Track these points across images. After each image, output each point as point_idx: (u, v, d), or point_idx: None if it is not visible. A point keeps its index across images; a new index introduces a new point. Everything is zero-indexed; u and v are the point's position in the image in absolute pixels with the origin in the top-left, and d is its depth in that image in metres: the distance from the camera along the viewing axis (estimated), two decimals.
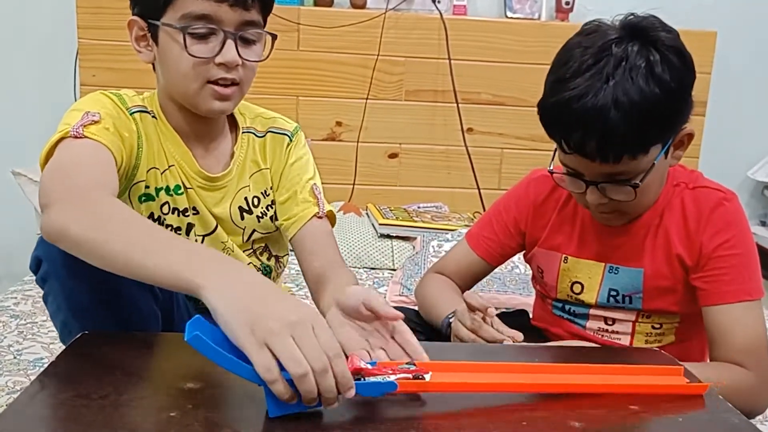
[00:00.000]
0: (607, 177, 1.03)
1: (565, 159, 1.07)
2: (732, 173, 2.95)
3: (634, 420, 0.78)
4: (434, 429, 0.73)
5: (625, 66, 0.97)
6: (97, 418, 0.70)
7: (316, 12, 2.60)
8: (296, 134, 1.25)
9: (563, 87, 0.99)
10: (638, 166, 1.02)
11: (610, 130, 0.97)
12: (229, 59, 1.05)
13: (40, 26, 2.65)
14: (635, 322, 1.19)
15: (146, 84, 1.18)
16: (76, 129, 1.01)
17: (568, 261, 1.21)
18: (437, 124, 2.70)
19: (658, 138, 1.02)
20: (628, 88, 0.96)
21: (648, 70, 0.97)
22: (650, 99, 0.97)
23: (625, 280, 1.16)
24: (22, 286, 2.01)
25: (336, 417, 0.73)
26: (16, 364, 1.52)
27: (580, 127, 0.98)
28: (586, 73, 0.98)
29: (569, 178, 1.09)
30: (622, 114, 0.96)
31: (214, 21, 1.04)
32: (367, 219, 2.47)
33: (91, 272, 0.92)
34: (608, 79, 0.97)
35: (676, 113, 1.03)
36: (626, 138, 0.97)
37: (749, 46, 2.90)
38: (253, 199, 1.21)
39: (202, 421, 0.71)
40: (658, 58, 0.98)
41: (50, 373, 0.80)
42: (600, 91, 0.96)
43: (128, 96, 1.14)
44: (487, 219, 1.33)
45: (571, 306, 1.24)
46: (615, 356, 1.01)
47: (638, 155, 1.00)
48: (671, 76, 0.98)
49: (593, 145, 0.98)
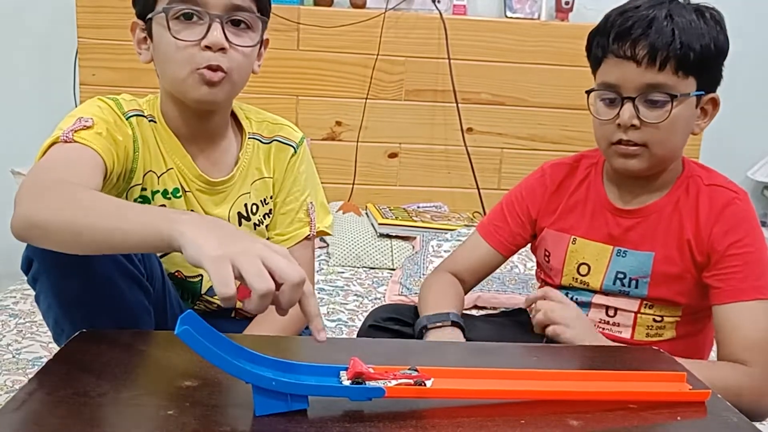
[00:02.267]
0: (646, 88, 1.08)
1: (606, 73, 1.12)
2: (732, 173, 2.89)
3: (633, 419, 0.78)
4: (433, 426, 0.73)
5: (677, 5, 1.11)
6: (95, 416, 0.70)
7: (316, 11, 2.60)
8: (301, 145, 1.26)
9: (620, 7, 1.12)
10: (677, 85, 1.08)
11: (663, 33, 1.06)
12: (213, 41, 1.04)
13: (40, 25, 2.65)
14: (637, 313, 1.19)
15: (146, 84, 1.19)
16: (67, 134, 1.01)
17: (576, 242, 1.23)
18: (437, 123, 2.70)
19: (696, 68, 1.08)
20: (683, 13, 1.09)
21: (698, 14, 1.10)
22: (697, 27, 1.08)
23: (634, 263, 1.18)
24: (22, 285, 2.00)
25: (335, 415, 0.73)
26: (15, 363, 1.52)
27: (635, 29, 1.07)
28: (641, 1, 1.11)
29: (604, 105, 1.13)
30: (674, 26, 1.07)
31: (200, 3, 1.04)
32: (366, 219, 2.47)
33: (81, 270, 0.93)
34: (662, 3, 1.10)
35: (715, 57, 1.10)
36: (675, 44, 1.06)
37: (749, 46, 2.89)
38: (252, 207, 1.21)
39: (199, 419, 0.71)
40: (708, 14, 1.11)
41: (48, 372, 0.80)
42: (656, 9, 1.08)
43: (125, 100, 1.14)
44: (499, 209, 1.34)
45: (573, 293, 1.24)
46: (616, 356, 1.00)
47: (680, 70, 1.07)
48: (716, 25, 1.10)
49: (645, 45, 1.06)
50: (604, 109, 1.13)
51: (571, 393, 0.82)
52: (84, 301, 0.95)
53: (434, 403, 0.77)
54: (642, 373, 0.87)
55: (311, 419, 0.72)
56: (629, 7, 1.11)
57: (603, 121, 1.13)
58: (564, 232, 1.25)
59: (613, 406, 0.80)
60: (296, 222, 1.25)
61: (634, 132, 1.10)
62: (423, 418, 0.74)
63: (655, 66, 1.07)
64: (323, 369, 0.78)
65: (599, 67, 1.15)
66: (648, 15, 1.08)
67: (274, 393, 0.72)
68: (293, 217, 1.24)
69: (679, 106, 1.09)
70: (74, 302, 0.96)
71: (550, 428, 0.74)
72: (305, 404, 0.73)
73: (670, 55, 1.06)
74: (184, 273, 1.18)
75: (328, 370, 0.78)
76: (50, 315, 1.01)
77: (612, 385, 0.84)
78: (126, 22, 1.13)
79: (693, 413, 0.81)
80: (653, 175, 1.17)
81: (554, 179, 1.28)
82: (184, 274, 1.18)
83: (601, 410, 0.79)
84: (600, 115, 1.14)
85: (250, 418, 0.72)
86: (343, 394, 0.75)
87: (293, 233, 1.24)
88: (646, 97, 1.09)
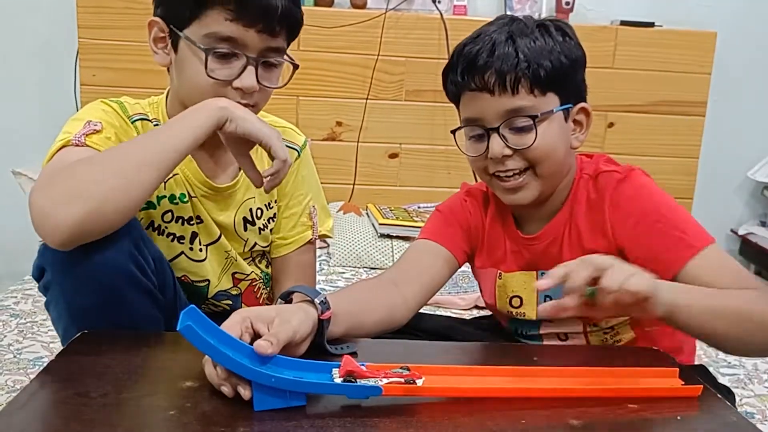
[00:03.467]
0: (506, 115, 1.04)
1: (466, 108, 1.09)
2: (732, 174, 2.95)
3: (633, 419, 0.78)
4: (432, 427, 0.73)
5: (520, 24, 1.08)
6: (96, 417, 0.70)
7: (317, 12, 2.60)
8: (304, 149, 1.26)
9: (464, 40, 1.09)
10: (537, 105, 1.04)
11: (507, 56, 1.03)
12: (247, 85, 1.04)
13: (40, 26, 2.66)
14: (586, 333, 1.14)
15: (146, 84, 1.18)
16: (78, 138, 1.00)
17: (502, 277, 1.17)
18: (437, 124, 2.69)
19: (551, 83, 1.05)
20: (524, 32, 1.06)
21: (542, 29, 1.07)
22: (542, 44, 1.05)
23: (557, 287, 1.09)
24: (23, 285, 2.01)
25: (335, 412, 0.74)
26: (16, 363, 1.52)
27: (479, 59, 1.04)
28: (483, 29, 1.09)
29: (472, 142, 1.09)
30: (516, 48, 1.04)
31: (239, 45, 1.03)
32: (367, 219, 2.47)
33: (92, 282, 0.93)
34: (503, 26, 1.07)
35: (569, 68, 1.06)
36: (521, 66, 1.03)
37: (749, 46, 2.90)
38: (256, 211, 1.21)
39: (200, 420, 0.71)
40: (553, 28, 1.08)
41: (50, 372, 0.81)
42: (497, 33, 1.06)
43: (129, 104, 1.13)
44: (438, 218, 1.22)
45: (520, 327, 1.18)
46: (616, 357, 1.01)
47: (534, 89, 1.04)
48: (563, 39, 1.07)
49: (492, 72, 1.03)
50: (473, 145, 1.10)
51: (561, 390, 0.82)
52: (94, 313, 0.95)
53: (434, 404, 0.78)
54: (635, 369, 0.87)
55: (312, 419, 0.73)
56: (471, 38, 1.08)
57: (476, 158, 1.09)
58: (492, 267, 1.18)
59: (612, 406, 0.80)
60: (299, 225, 1.25)
61: (510, 161, 1.06)
62: (423, 418, 0.75)
63: (508, 91, 1.03)
64: (316, 366, 0.79)
65: (459, 104, 1.11)
66: (489, 41, 1.05)
67: (273, 390, 0.73)
68: (296, 220, 1.25)
69: (544, 124, 1.04)
70: (85, 313, 0.95)
71: (550, 428, 0.74)
72: (303, 401, 0.74)
73: (519, 77, 1.03)
74: (191, 278, 1.18)
75: (322, 367, 0.79)
76: (60, 323, 1.01)
77: (604, 381, 0.85)
78: (126, 23, 1.13)
79: (686, 408, 0.82)
80: (548, 199, 1.11)
81: (473, 208, 1.21)
82: (190, 279, 1.18)
83: (602, 411, 0.79)
84: (471, 152, 1.10)
85: (250, 419, 0.72)
86: (342, 392, 0.76)
87: (296, 237, 1.25)
88: (510, 124, 1.04)
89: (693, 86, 2.72)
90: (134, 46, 2.40)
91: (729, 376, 1.63)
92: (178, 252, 1.16)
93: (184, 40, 1.04)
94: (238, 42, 1.02)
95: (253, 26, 1.01)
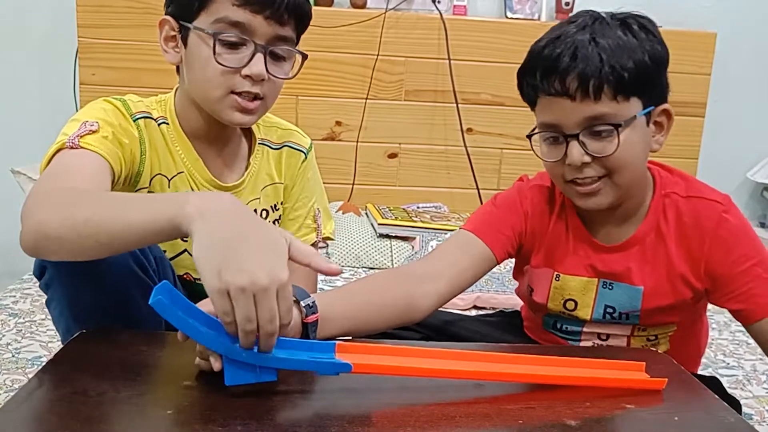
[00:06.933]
0: (587, 122, 1.00)
1: (543, 113, 1.05)
2: (731, 174, 2.95)
3: (631, 419, 0.78)
4: (430, 426, 0.73)
5: (602, 22, 1.03)
6: (94, 415, 0.70)
7: (316, 12, 2.55)
8: (310, 151, 1.27)
9: (542, 39, 1.05)
10: (619, 111, 1.00)
11: (590, 59, 0.98)
12: (256, 72, 1.04)
13: (40, 24, 2.65)
14: (630, 336, 1.14)
15: (146, 83, 1.18)
16: (72, 140, 0.99)
17: (560, 279, 1.14)
18: (437, 124, 2.70)
19: (635, 87, 1.01)
20: (607, 32, 1.01)
21: (624, 27, 1.02)
22: (626, 44, 1.00)
23: (623, 298, 1.11)
24: (21, 285, 2.01)
25: (334, 412, 0.74)
26: (15, 363, 1.52)
27: (560, 62, 1.00)
28: (563, 29, 1.03)
29: (548, 144, 1.06)
30: (600, 49, 0.99)
31: (248, 31, 1.03)
32: (366, 219, 2.47)
33: (94, 280, 0.93)
34: (585, 26, 1.02)
35: (654, 70, 1.03)
36: (604, 71, 0.98)
37: (749, 47, 2.90)
38: (261, 213, 1.21)
39: (198, 419, 0.71)
40: (636, 26, 1.03)
41: (48, 370, 0.81)
42: (579, 34, 1.01)
43: (133, 102, 1.12)
44: (489, 210, 1.18)
45: (563, 323, 1.18)
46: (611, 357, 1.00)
47: (618, 95, 0.99)
48: (646, 36, 1.02)
49: (574, 77, 0.99)
50: (550, 150, 1.05)
51: (522, 375, 0.84)
52: (96, 311, 0.95)
53: (433, 404, 0.78)
54: (602, 361, 0.88)
55: (312, 419, 0.73)
56: (550, 38, 1.03)
57: (553, 163, 1.05)
58: (547, 267, 1.15)
59: (610, 406, 0.80)
60: (304, 228, 1.25)
61: (589, 168, 1.03)
62: (421, 418, 0.74)
63: (590, 97, 0.99)
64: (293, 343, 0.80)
65: (535, 107, 1.07)
66: (571, 43, 0.99)
67: (244, 365, 0.74)
68: (301, 223, 1.25)
69: (627, 131, 1.01)
70: (86, 312, 0.95)
71: (547, 429, 0.74)
72: (274, 376, 0.76)
73: (602, 83, 0.98)
74: (193, 275, 1.18)
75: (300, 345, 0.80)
76: (61, 322, 1.01)
77: (570, 371, 0.85)
78: (126, 22, 1.13)
79: (651, 400, 0.83)
80: (623, 204, 1.09)
81: (534, 205, 1.16)
82: (192, 276, 1.18)
83: (599, 411, 0.79)
84: (547, 156, 1.06)
85: (249, 418, 0.72)
86: (312, 368, 0.78)
87: (300, 240, 1.23)
88: (591, 130, 1.00)
89: (693, 87, 2.72)
90: (134, 45, 2.40)
91: (727, 377, 1.63)
92: (180, 249, 1.16)
93: (193, 31, 1.05)
94: (246, 28, 1.03)
95: (261, 12, 1.02)
